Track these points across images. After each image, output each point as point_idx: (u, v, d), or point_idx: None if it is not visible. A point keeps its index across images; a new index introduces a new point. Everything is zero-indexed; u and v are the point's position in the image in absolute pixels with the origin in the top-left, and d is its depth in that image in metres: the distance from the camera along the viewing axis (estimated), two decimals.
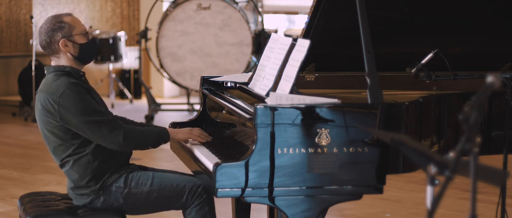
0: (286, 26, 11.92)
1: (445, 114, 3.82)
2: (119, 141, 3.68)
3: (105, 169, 3.79)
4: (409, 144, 2.33)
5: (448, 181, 2.11)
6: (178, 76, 9.72)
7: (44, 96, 3.76)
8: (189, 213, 3.81)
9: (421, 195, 6.08)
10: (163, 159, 7.46)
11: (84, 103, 3.69)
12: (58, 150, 3.81)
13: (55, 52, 3.81)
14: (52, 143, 3.81)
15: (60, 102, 3.70)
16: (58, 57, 3.83)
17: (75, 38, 3.79)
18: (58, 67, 3.82)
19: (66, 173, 3.85)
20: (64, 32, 3.78)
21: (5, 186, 6.43)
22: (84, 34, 3.82)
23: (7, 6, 10.60)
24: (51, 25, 3.78)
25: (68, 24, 3.79)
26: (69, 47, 3.79)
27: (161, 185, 3.81)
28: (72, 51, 3.80)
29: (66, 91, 3.70)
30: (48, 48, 3.81)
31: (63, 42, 3.78)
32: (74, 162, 3.78)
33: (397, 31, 4.39)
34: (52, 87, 3.75)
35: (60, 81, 3.75)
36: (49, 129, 3.78)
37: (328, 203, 3.46)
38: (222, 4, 9.57)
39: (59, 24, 3.78)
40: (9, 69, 10.71)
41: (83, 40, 3.82)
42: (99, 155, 3.77)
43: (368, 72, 3.45)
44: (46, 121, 3.77)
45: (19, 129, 9.26)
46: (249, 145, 3.53)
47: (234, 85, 4.12)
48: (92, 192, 3.79)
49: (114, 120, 3.74)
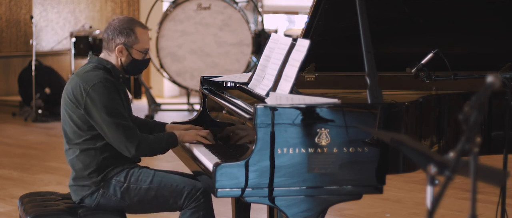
0: (286, 26, 11.92)
1: (445, 114, 3.82)
2: (131, 150, 3.72)
3: (109, 163, 3.82)
4: (409, 144, 2.33)
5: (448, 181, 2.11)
6: (178, 76, 9.72)
7: (77, 81, 3.80)
8: (183, 214, 3.81)
9: (421, 195, 6.08)
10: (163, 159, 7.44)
11: (111, 102, 3.73)
12: (71, 134, 3.84)
13: (109, 50, 3.87)
14: (68, 126, 3.85)
15: (90, 93, 3.73)
16: (109, 54, 3.88)
17: (133, 51, 3.85)
18: (101, 60, 3.87)
19: (69, 162, 3.88)
20: (127, 40, 3.82)
21: (5, 186, 6.43)
22: (143, 52, 3.87)
23: (7, 6, 10.60)
24: (121, 26, 3.83)
25: (135, 35, 3.83)
26: (123, 54, 3.84)
27: (161, 184, 3.82)
28: (123, 59, 3.86)
29: (99, 84, 3.74)
30: (105, 42, 3.87)
31: (120, 47, 3.83)
32: (81, 151, 3.81)
33: (397, 31, 4.39)
34: (87, 76, 3.79)
35: (97, 73, 3.79)
36: (69, 113, 3.82)
37: (328, 203, 3.46)
38: (222, 4, 9.57)
39: (128, 30, 3.82)
40: (9, 69, 10.71)
41: (139, 57, 3.87)
42: (107, 151, 3.80)
43: (368, 72, 3.45)
44: (69, 104, 3.81)
45: (19, 129, 9.25)
46: (249, 145, 3.53)
47: (234, 85, 4.12)
48: (93, 183, 3.81)
49: (133, 127, 3.77)
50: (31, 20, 9.81)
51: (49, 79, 9.76)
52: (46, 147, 8.22)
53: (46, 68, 9.98)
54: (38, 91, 9.72)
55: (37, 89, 9.71)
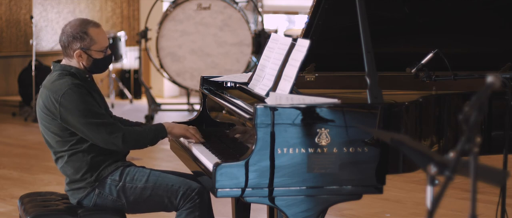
0: (286, 26, 11.92)
1: (445, 114, 3.82)
2: (118, 144, 3.72)
3: (101, 161, 3.82)
4: (409, 144, 2.33)
5: (448, 181, 2.11)
6: (178, 76, 9.72)
7: (46, 94, 3.79)
8: (179, 214, 3.81)
9: (421, 195, 6.08)
10: (163, 159, 7.46)
11: (85, 105, 3.71)
12: (54, 144, 3.85)
13: (68, 56, 3.85)
14: (50, 137, 3.85)
15: (62, 102, 3.72)
16: (69, 60, 3.86)
17: (92, 52, 3.83)
18: (64, 67, 3.85)
19: (61, 170, 3.89)
20: (83, 44, 3.80)
21: (5, 186, 6.43)
22: (103, 51, 3.84)
23: (7, 6, 10.60)
24: (74, 31, 3.80)
25: (90, 37, 3.80)
26: (83, 58, 3.82)
27: (156, 183, 3.82)
28: (84, 62, 3.84)
29: (68, 91, 3.72)
30: (63, 49, 3.85)
31: (78, 52, 3.81)
32: (69, 157, 3.82)
33: (397, 31, 4.39)
34: (55, 86, 3.78)
35: (64, 81, 3.77)
36: (47, 125, 3.82)
37: (328, 203, 3.46)
38: (222, 4, 9.57)
39: (82, 34, 3.79)
40: (9, 69, 10.71)
41: (100, 56, 3.85)
42: (94, 150, 3.80)
43: (368, 72, 3.45)
44: (45, 117, 3.81)
45: (19, 129, 9.26)
46: (249, 145, 3.53)
47: (234, 85, 4.12)
48: (88, 184, 3.81)
49: (113, 122, 3.76)
50: (31, 20, 9.81)
51: None
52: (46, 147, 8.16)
53: (46, 68, 9.98)
54: (38, 91, 9.72)
55: (37, 89, 9.71)
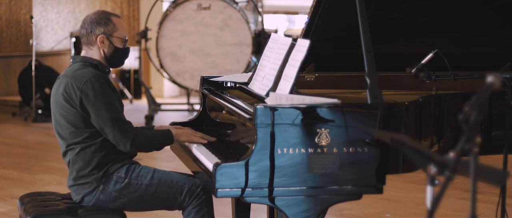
0: (286, 26, 11.92)
1: (445, 114, 3.82)
2: (126, 144, 3.73)
3: (110, 158, 3.83)
4: (409, 144, 2.33)
5: (448, 181, 2.11)
6: (178, 76, 9.72)
7: (67, 81, 3.80)
8: (188, 213, 3.81)
9: (421, 195, 6.08)
10: (163, 159, 7.46)
11: (105, 97, 3.74)
12: (68, 135, 3.84)
13: (90, 44, 3.87)
14: (64, 128, 3.85)
15: (83, 89, 3.74)
16: (90, 49, 3.88)
17: (114, 39, 3.86)
18: (86, 58, 3.88)
19: (70, 161, 3.87)
20: (107, 29, 3.84)
21: (5, 186, 6.43)
22: (123, 40, 3.89)
23: (7, 6, 10.60)
24: (97, 17, 3.85)
25: (113, 23, 3.86)
26: (105, 44, 3.85)
27: (161, 180, 3.83)
28: (106, 50, 3.86)
29: (91, 79, 3.75)
30: (85, 37, 3.87)
31: (101, 37, 3.84)
32: (81, 149, 3.82)
33: (397, 31, 4.39)
34: (78, 74, 3.80)
35: (86, 71, 3.80)
36: (64, 114, 3.82)
37: (328, 203, 3.46)
38: (222, 4, 9.57)
39: (105, 20, 3.84)
40: (9, 69, 10.71)
41: (120, 45, 3.88)
42: (107, 147, 3.81)
43: (368, 72, 3.45)
44: (63, 106, 3.81)
45: (19, 129, 9.25)
46: (249, 145, 3.53)
47: (234, 85, 4.12)
48: (95, 179, 3.82)
49: (128, 121, 3.79)
50: (31, 20, 9.81)
51: (49, 79, 9.76)
52: (46, 147, 8.22)
53: (46, 68, 9.98)
54: (38, 91, 9.72)
55: (37, 89, 9.71)
